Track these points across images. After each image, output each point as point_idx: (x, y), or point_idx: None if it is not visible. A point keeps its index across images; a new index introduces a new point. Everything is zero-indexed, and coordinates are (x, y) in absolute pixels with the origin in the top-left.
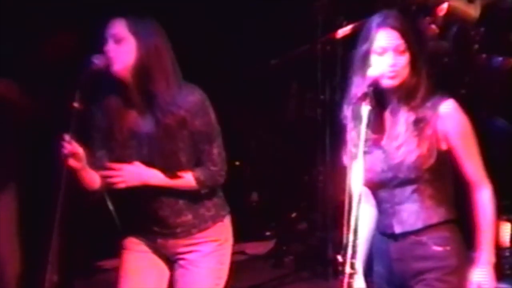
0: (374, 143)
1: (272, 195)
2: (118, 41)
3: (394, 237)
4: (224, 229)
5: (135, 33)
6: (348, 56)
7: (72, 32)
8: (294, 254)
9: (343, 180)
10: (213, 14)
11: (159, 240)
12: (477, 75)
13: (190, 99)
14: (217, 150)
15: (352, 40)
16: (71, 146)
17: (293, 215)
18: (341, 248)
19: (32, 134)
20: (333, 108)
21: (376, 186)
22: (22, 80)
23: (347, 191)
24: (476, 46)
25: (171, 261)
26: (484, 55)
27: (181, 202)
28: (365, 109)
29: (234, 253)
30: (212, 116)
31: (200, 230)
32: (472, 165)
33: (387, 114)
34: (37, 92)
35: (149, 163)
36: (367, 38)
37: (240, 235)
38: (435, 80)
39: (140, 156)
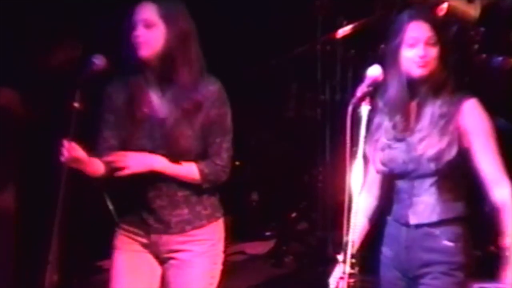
0: (399, 134)
1: (272, 195)
2: (148, 26)
3: (408, 226)
4: (217, 229)
5: (166, 19)
6: (348, 56)
7: (75, 41)
8: (294, 254)
9: (343, 180)
10: (213, 14)
11: (153, 236)
12: (477, 75)
13: (210, 88)
14: (226, 146)
15: (352, 40)
16: (71, 151)
17: (293, 215)
18: (341, 248)
19: (33, 135)
20: (333, 108)
21: (396, 177)
22: (24, 86)
23: (347, 191)
24: (476, 46)
25: (163, 261)
26: (484, 55)
27: (180, 194)
28: (365, 109)
29: (234, 253)
30: (229, 110)
31: (194, 228)
32: (490, 163)
33: (413, 106)
34: (38, 96)
35: (158, 147)
36: (399, 31)
37: (240, 235)
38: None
39: (150, 139)
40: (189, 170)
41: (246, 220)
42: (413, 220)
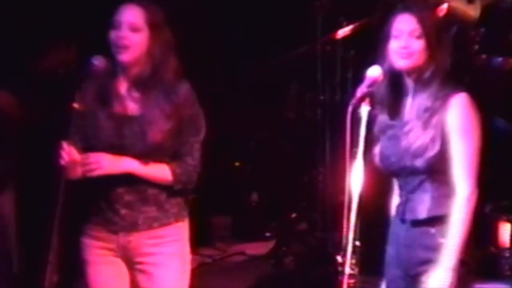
0: (389, 129)
1: (272, 195)
2: (134, 30)
3: (405, 223)
4: (184, 229)
5: (151, 25)
6: (348, 57)
7: (71, 45)
8: (294, 254)
9: (343, 180)
10: (213, 14)
11: (121, 237)
12: (477, 75)
13: (185, 87)
14: (198, 146)
15: (352, 40)
16: (69, 154)
17: (293, 215)
18: (341, 248)
19: (31, 137)
20: (333, 108)
21: (393, 174)
22: (19, 88)
23: (347, 191)
24: (476, 46)
25: (132, 266)
26: (484, 55)
27: (150, 191)
28: (365, 109)
29: (234, 254)
30: (201, 110)
31: (162, 225)
32: (457, 165)
33: (403, 101)
34: (34, 98)
35: (127, 145)
36: (388, 25)
37: (240, 235)
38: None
39: (118, 137)
40: (161, 170)
41: (246, 220)
42: (407, 216)
